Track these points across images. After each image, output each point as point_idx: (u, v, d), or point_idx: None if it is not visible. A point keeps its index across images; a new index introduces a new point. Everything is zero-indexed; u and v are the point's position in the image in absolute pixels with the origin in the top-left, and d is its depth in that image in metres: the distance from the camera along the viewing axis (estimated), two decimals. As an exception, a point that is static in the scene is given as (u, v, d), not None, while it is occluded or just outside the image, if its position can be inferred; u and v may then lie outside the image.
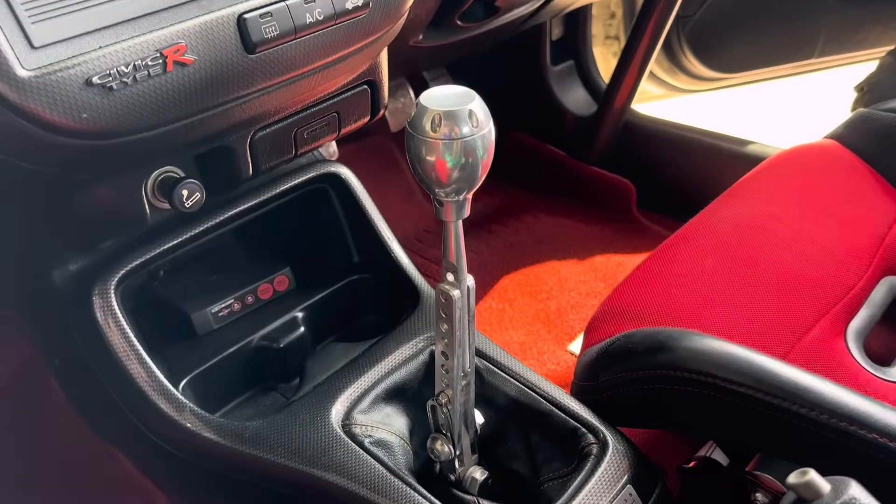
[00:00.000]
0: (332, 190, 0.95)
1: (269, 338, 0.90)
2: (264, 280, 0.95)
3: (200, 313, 0.91)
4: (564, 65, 1.61)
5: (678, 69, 1.69)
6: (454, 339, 0.66)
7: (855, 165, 1.06)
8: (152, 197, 0.68)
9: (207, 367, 0.86)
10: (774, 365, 0.68)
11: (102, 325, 0.75)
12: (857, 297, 0.90)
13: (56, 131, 0.52)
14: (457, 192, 0.59)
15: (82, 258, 0.79)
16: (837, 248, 0.94)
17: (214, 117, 0.60)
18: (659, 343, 0.74)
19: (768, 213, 0.98)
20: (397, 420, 0.80)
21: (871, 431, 0.63)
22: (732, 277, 0.89)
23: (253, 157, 0.70)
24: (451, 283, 0.65)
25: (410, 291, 0.92)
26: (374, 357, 0.82)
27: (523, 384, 0.80)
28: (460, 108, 0.55)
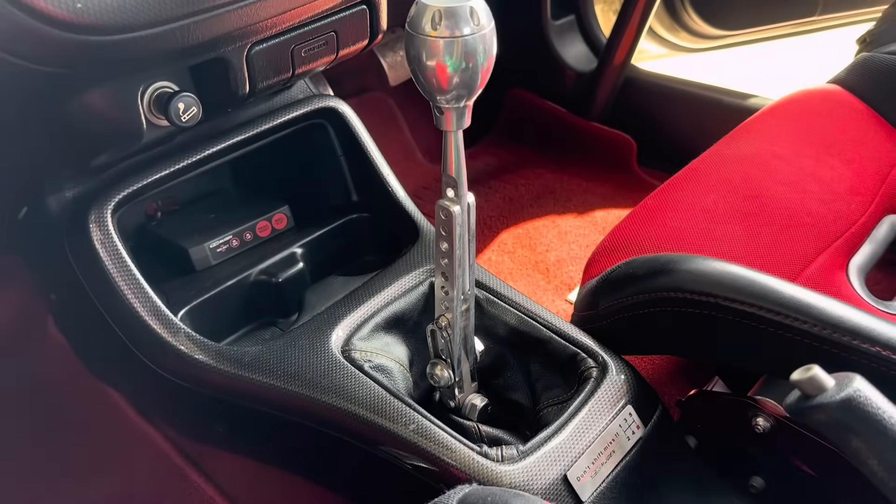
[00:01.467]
0: (331, 126, 0.94)
1: (267, 272, 0.89)
2: (262, 217, 0.94)
3: (198, 248, 0.90)
4: (565, 19, 1.59)
5: (679, 26, 1.67)
6: (454, 258, 0.66)
7: (857, 108, 1.06)
8: (148, 112, 0.67)
9: (205, 299, 0.85)
10: (776, 283, 0.68)
11: (99, 249, 0.74)
12: (859, 233, 0.90)
13: (50, 22, 0.51)
14: (457, 99, 0.58)
15: (78, 184, 0.78)
16: (840, 186, 0.93)
17: (211, 20, 0.59)
18: (660, 266, 0.74)
19: (771, 152, 0.98)
20: (397, 349, 0.80)
21: (874, 345, 0.62)
22: (735, 212, 0.88)
23: (250, 73, 0.69)
24: (451, 198, 0.64)
25: (410, 228, 0.91)
26: (374, 288, 0.82)
27: (523, 312, 0.79)
28: (461, 5, 0.54)
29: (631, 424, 0.71)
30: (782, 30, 1.68)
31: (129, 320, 0.75)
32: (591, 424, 0.69)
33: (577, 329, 0.77)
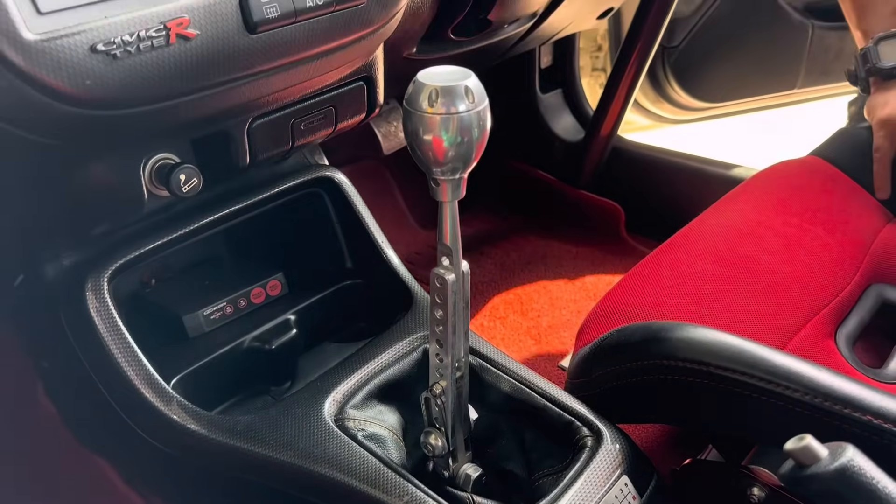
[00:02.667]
0: (327, 194, 0.95)
1: (261, 339, 0.90)
2: (257, 284, 0.95)
3: (192, 316, 0.90)
4: (553, 93, 1.64)
5: (664, 99, 1.73)
6: (449, 325, 0.66)
7: (838, 178, 1.08)
8: (150, 183, 0.69)
9: (198, 366, 0.85)
10: (767, 351, 0.69)
11: (94, 317, 0.75)
12: (846, 302, 0.91)
13: (59, 97, 0.53)
14: (452, 171, 0.60)
15: (75, 252, 0.79)
16: (825, 254, 0.95)
17: (214, 96, 0.61)
18: (652, 334, 0.75)
19: (756, 221, 1.00)
20: (391, 417, 0.80)
21: (865, 413, 0.63)
22: (723, 280, 0.89)
23: (251, 145, 0.71)
24: (446, 267, 0.65)
25: (403, 295, 0.92)
26: (368, 355, 0.82)
27: (517, 380, 0.80)
28: (457, 84, 0.57)
29: (627, 496, 0.71)
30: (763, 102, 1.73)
31: (123, 389, 0.74)
32: (587, 496, 0.68)
33: (571, 397, 0.78)
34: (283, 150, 0.76)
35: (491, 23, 1.05)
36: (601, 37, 1.72)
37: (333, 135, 0.81)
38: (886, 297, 0.95)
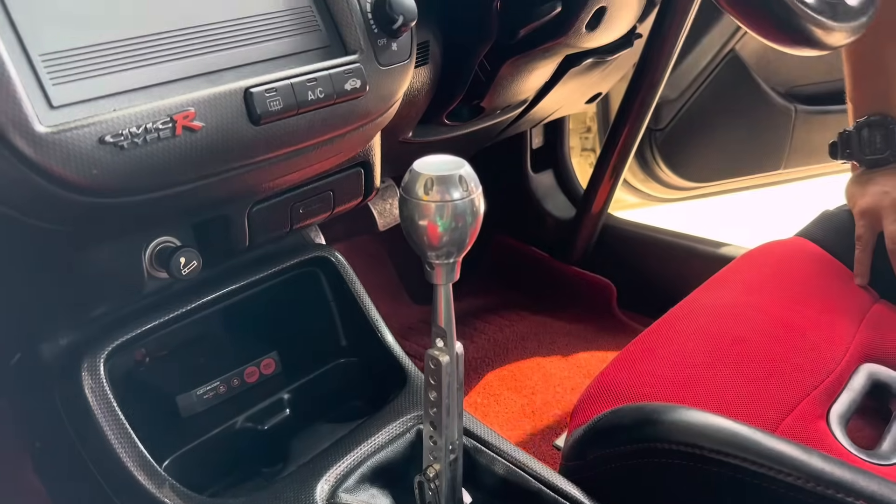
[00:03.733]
0: (323, 273, 0.97)
1: (253, 420, 0.89)
2: (251, 363, 0.95)
3: (185, 395, 0.90)
4: (545, 172, 1.68)
5: (652, 178, 1.77)
6: (442, 407, 0.67)
7: (824, 259, 1.11)
8: (150, 266, 0.70)
9: (191, 448, 0.85)
10: (759, 435, 0.69)
11: (89, 397, 0.75)
12: (837, 382, 0.92)
13: (67, 187, 0.54)
14: (447, 256, 0.61)
15: (72, 332, 0.79)
16: (814, 335, 0.96)
17: (218, 184, 0.63)
18: (645, 416, 0.75)
19: (745, 302, 1.01)
20: (383, 501, 0.79)
21: (857, 498, 0.63)
22: (714, 360, 0.90)
23: (250, 229, 0.73)
24: (440, 348, 0.66)
25: (398, 374, 0.92)
26: (360, 436, 0.82)
27: (511, 462, 0.79)
28: (451, 174, 0.59)
29: (622, 581, 0.70)
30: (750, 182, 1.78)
31: (115, 471, 0.74)
32: (581, 582, 0.67)
33: (565, 480, 0.77)
34: (282, 233, 0.78)
35: (483, 109, 1.09)
36: (590, 118, 1.77)
37: (331, 217, 0.83)
38: (877, 377, 0.95)
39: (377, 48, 0.71)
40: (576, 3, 0.94)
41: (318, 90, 0.66)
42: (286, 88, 0.63)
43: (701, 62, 1.69)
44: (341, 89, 0.67)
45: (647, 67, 1.40)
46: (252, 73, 0.63)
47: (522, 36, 0.97)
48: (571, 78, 1.18)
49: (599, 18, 0.99)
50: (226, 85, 0.61)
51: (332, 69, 0.67)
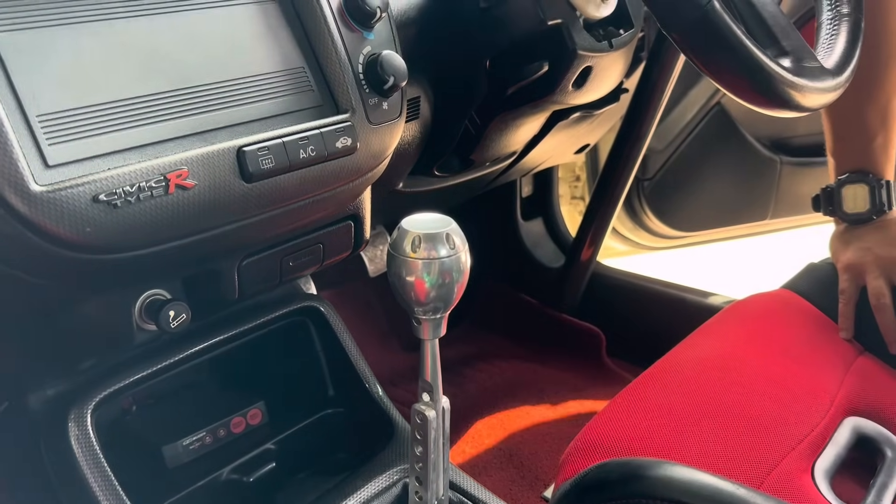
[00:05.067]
0: (312, 324, 0.97)
1: (239, 472, 0.89)
2: (237, 413, 0.95)
3: (171, 446, 0.90)
4: (534, 220, 1.70)
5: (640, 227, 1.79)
6: (429, 462, 0.67)
7: (808, 311, 1.12)
8: (139, 319, 0.71)
9: (176, 499, 0.84)
10: (742, 491, 0.69)
11: (75, 449, 0.74)
12: (822, 436, 0.92)
13: (60, 244, 0.55)
14: (434, 311, 0.62)
15: (60, 382, 0.79)
16: (798, 388, 0.97)
17: (209, 240, 0.64)
18: (632, 472, 0.75)
19: (730, 354, 1.02)
20: (368, 555, 0.79)
21: (840, 558, 0.63)
22: (700, 414, 0.91)
23: (240, 282, 0.74)
24: (426, 403, 0.67)
25: (385, 426, 0.92)
26: (346, 490, 0.82)
27: (497, 518, 0.80)
28: (439, 232, 0.60)
29: None
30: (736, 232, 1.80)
31: (98, 524, 0.73)
32: None
33: (550, 536, 0.77)
34: (271, 285, 0.78)
35: (473, 161, 1.11)
36: (579, 168, 1.80)
37: (321, 269, 0.84)
38: (862, 431, 0.96)
39: (368, 107, 0.73)
40: (562, 63, 0.96)
41: (310, 148, 0.67)
42: (278, 147, 0.65)
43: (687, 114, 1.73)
44: (332, 147, 0.69)
45: (634, 120, 1.43)
46: (245, 132, 0.65)
47: (511, 93, 0.99)
48: (560, 130, 1.20)
49: (586, 77, 1.01)
50: (219, 144, 0.62)
51: (323, 128, 0.68)
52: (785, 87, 0.72)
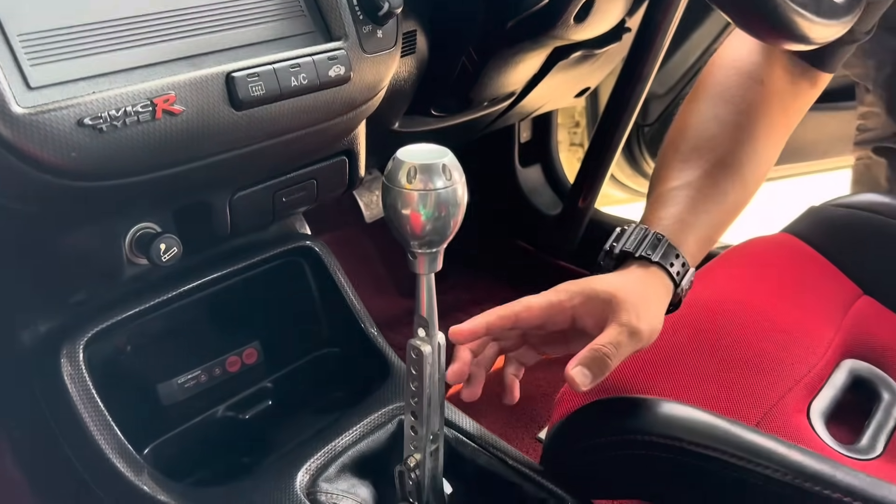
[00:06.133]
0: (307, 264, 0.96)
1: (234, 409, 0.89)
2: (232, 352, 0.94)
3: (166, 384, 0.90)
4: (533, 167, 1.68)
5: (640, 174, 1.77)
6: (424, 397, 0.67)
7: (808, 255, 1.11)
8: (129, 253, 0.69)
9: (171, 436, 0.84)
10: (738, 429, 0.69)
11: (68, 385, 0.74)
12: (819, 377, 0.92)
13: (44, 169, 0.54)
14: (429, 245, 0.61)
15: (52, 319, 0.78)
16: (797, 330, 0.97)
17: (198, 169, 0.62)
18: (628, 408, 0.75)
19: (729, 297, 1.01)
20: (363, 491, 0.79)
21: (835, 491, 0.63)
22: (697, 354, 0.90)
23: (232, 217, 0.72)
24: (422, 338, 0.66)
25: (381, 365, 0.92)
26: (342, 426, 0.82)
27: (492, 454, 0.79)
28: (435, 162, 0.59)
29: (601, 573, 0.70)
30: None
31: (94, 458, 0.73)
32: (559, 574, 0.68)
33: (546, 472, 0.77)
34: (265, 222, 0.77)
35: (471, 101, 1.08)
36: (579, 113, 1.77)
37: (314, 205, 0.82)
38: (858, 373, 0.96)
39: (362, 35, 0.71)
40: (564, -6, 0.93)
41: (302, 76, 0.65)
42: (269, 74, 0.63)
43: (690, 58, 1.69)
44: (325, 76, 0.67)
45: (635, 62, 1.40)
46: (234, 57, 0.63)
47: (510, 27, 0.96)
48: (560, 71, 1.17)
49: (588, 10, 0.98)
50: (207, 69, 0.60)
51: (316, 55, 0.66)
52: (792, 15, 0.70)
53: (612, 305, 0.73)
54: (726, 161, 0.87)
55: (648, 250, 0.79)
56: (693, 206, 0.84)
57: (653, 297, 0.78)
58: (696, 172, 0.86)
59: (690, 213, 0.84)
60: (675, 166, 0.88)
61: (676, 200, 0.84)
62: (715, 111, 0.90)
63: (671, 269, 0.80)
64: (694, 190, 0.85)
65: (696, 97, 0.92)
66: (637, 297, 0.75)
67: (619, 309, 0.73)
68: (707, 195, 0.86)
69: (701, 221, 0.85)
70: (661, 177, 0.88)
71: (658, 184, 0.88)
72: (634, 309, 0.73)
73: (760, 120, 0.90)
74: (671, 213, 0.83)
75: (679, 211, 0.83)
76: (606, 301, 0.74)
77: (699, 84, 0.93)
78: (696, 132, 0.89)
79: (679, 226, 0.82)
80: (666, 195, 0.85)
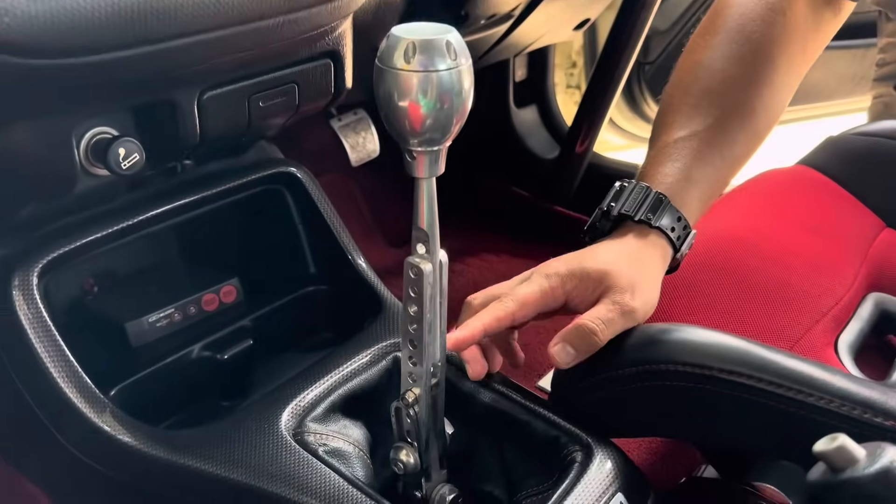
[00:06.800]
0: (289, 192, 0.87)
1: (211, 348, 0.81)
2: (209, 290, 0.86)
3: (135, 322, 0.81)
4: (528, 108, 1.59)
5: (640, 117, 1.69)
6: (424, 323, 0.59)
7: (827, 186, 1.04)
8: (85, 160, 0.61)
9: (140, 377, 0.76)
10: (775, 354, 0.62)
11: (20, 315, 0.66)
12: (846, 310, 0.86)
13: (-30, 38, 0.45)
14: (430, 142, 0.53)
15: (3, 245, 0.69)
16: (821, 261, 0.90)
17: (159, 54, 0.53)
18: (648, 337, 0.67)
19: (748, 228, 0.94)
20: (356, 432, 0.71)
21: (887, 418, 0.56)
22: (719, 287, 0.83)
23: (201, 120, 0.63)
24: (421, 255, 0.58)
25: (372, 301, 0.84)
26: (331, 364, 0.74)
27: (497, 391, 0.72)
28: (437, 38, 0.50)
29: (622, 515, 0.63)
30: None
31: (50, 396, 0.65)
32: (578, 515, 0.60)
33: (558, 410, 0.70)
34: (239, 130, 0.68)
35: (468, 16, 0.99)
36: (576, 53, 1.68)
37: (296, 116, 0.73)
38: (885, 307, 0.89)
39: None
40: None
41: (280, -51, 0.56)
42: (240, -56, 0.54)
43: (695, -9, 1.61)
44: (306, -48, 0.58)
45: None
46: (200, -78, 0.53)
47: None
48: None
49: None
50: (168, -68, 0.51)
51: (294, -73, 0.57)
52: None
53: (605, 284, 0.67)
54: (739, 107, 0.79)
55: (649, 213, 0.72)
56: (699, 160, 0.76)
57: (649, 271, 0.71)
58: (707, 120, 0.77)
59: (695, 167, 0.76)
60: (684, 111, 0.79)
61: (682, 154, 0.76)
62: (731, 48, 0.81)
63: (672, 234, 0.72)
64: (701, 141, 0.76)
65: (710, 30, 0.82)
66: (632, 274, 0.68)
67: (613, 288, 0.67)
68: (714, 146, 0.77)
69: (705, 177, 0.77)
70: (667, 123, 0.79)
71: (663, 132, 0.79)
72: (629, 286, 0.67)
73: (779, 59, 0.81)
74: (675, 168, 0.75)
75: (683, 166, 0.75)
76: (598, 280, 0.67)
77: (714, 15, 0.84)
78: (709, 72, 0.80)
79: (682, 184, 0.75)
80: (671, 147, 0.77)
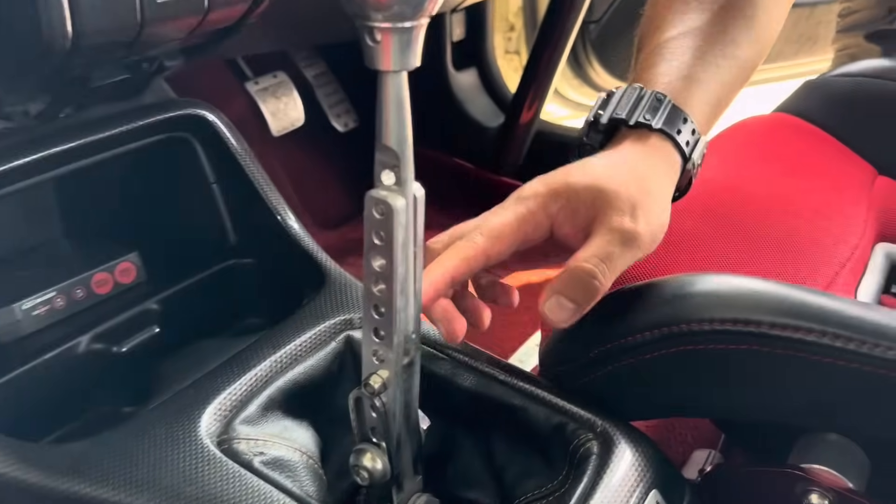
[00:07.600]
0: (198, 142, 0.70)
1: (105, 339, 0.63)
2: (101, 268, 0.68)
3: (4, 311, 0.62)
4: (468, 71, 1.45)
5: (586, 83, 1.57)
6: (395, 280, 0.43)
7: (811, 132, 0.95)
8: None
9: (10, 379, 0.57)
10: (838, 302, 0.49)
11: None
12: (861, 259, 0.76)
13: None
14: (399, 16, 0.37)
15: None
16: (827, 209, 0.79)
17: None
18: (671, 292, 0.54)
19: (739, 176, 0.83)
20: (301, 434, 0.55)
21: None
22: (725, 239, 0.71)
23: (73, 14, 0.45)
24: (388, 187, 0.42)
25: (311, 274, 0.68)
26: (264, 350, 0.57)
27: (482, 372, 0.57)
28: None
29: (658, 518, 0.49)
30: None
31: None
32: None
33: (557, 390, 0.56)
34: (127, 34, 0.50)
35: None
36: (514, 15, 1.55)
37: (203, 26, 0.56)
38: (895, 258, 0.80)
39: None
40: None
41: None
42: None
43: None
44: None
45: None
46: None
47: None
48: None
49: None
50: None
51: None
52: None
53: (598, 204, 0.52)
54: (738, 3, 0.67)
55: (647, 115, 0.58)
56: (701, 57, 0.63)
57: (654, 183, 0.56)
58: (703, 16, 0.65)
59: (696, 65, 0.63)
60: (676, 8, 0.67)
61: (679, 51, 0.63)
62: None
63: (678, 136, 0.58)
64: (698, 38, 0.64)
65: None
66: (632, 189, 0.53)
67: (608, 208, 0.52)
68: (717, 43, 0.65)
69: (711, 76, 0.64)
70: (655, 27, 0.67)
71: (652, 35, 0.67)
72: (629, 204, 0.52)
73: None
74: (673, 66, 0.62)
75: (681, 64, 0.62)
76: (589, 200, 0.53)
77: None
78: None
79: (684, 82, 0.61)
80: (664, 46, 0.64)
